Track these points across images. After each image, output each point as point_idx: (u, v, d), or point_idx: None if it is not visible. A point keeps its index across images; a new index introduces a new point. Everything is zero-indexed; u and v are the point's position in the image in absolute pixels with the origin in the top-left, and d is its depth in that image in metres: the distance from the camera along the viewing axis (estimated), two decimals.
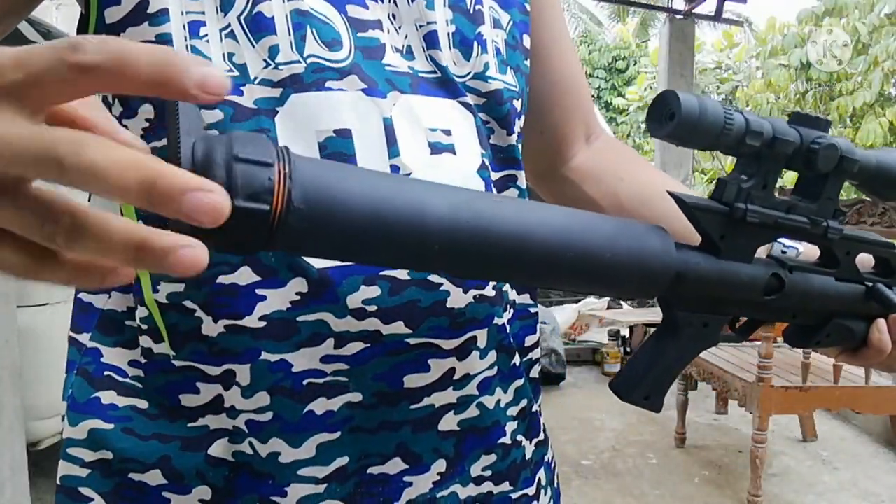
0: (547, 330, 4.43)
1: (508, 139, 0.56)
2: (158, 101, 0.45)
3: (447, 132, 0.49)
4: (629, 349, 4.83)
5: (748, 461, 2.69)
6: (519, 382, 0.57)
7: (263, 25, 0.45)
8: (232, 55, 0.45)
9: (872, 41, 9.34)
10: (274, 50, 0.45)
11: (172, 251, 0.23)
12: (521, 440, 0.58)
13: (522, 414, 0.58)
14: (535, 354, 0.61)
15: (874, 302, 0.51)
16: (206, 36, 0.45)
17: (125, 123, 0.46)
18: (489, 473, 0.55)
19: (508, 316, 0.56)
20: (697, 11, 5.87)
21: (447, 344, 0.49)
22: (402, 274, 0.46)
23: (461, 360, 0.50)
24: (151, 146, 0.45)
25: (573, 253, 0.36)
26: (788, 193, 0.48)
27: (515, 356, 0.56)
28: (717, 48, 12.93)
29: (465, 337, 0.50)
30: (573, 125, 0.68)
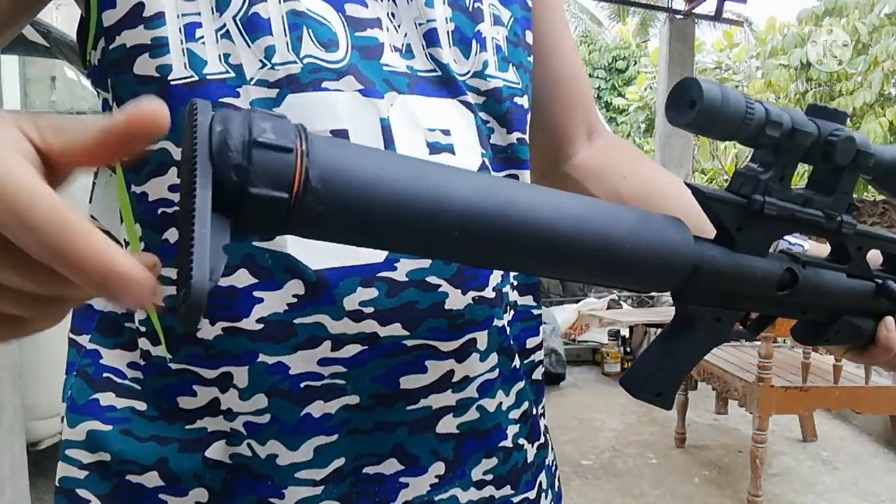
0: (547, 330, 4.43)
1: (509, 138, 0.55)
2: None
3: (446, 132, 0.49)
4: (629, 349, 4.83)
5: (748, 461, 2.69)
6: (520, 385, 0.57)
7: (259, 26, 0.45)
8: (228, 56, 0.45)
9: (872, 41, 9.32)
10: (270, 50, 0.45)
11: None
12: (522, 443, 0.58)
13: (524, 417, 0.58)
14: (537, 356, 0.61)
15: (884, 298, 0.51)
16: (202, 38, 0.44)
17: None
18: (490, 477, 0.55)
19: (509, 317, 0.55)
20: (697, 11, 5.86)
21: (446, 346, 0.49)
22: (399, 275, 0.46)
23: (460, 362, 0.50)
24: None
25: (593, 242, 0.35)
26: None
27: (516, 358, 0.56)
28: (717, 48, 12.90)
29: (464, 339, 0.50)
30: (575, 122, 0.68)
